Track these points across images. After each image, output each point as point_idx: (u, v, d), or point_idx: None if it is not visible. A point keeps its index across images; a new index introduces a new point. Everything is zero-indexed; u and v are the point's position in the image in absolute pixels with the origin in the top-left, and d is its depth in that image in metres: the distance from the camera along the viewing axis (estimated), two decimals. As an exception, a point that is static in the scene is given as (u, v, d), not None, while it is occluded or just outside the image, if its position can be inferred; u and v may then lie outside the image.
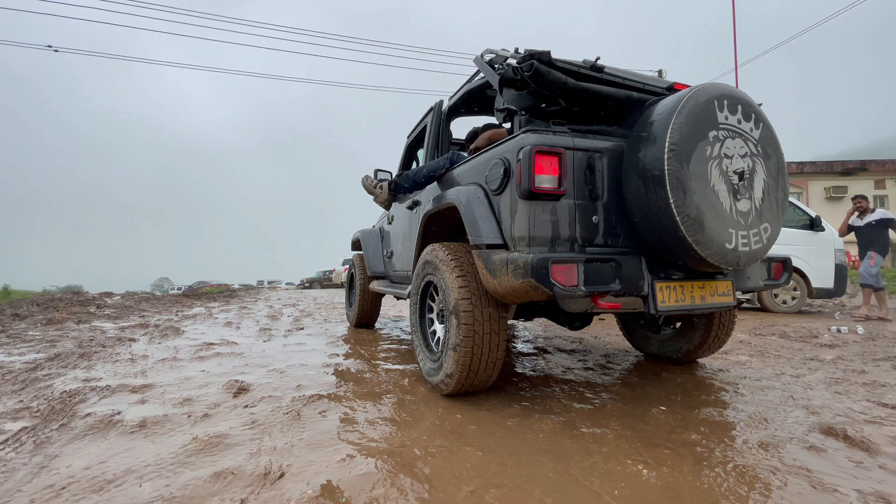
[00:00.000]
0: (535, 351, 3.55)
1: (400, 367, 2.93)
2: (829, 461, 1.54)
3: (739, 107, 1.88)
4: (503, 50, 2.46)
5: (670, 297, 1.90)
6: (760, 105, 2.00)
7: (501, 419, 1.93)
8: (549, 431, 1.79)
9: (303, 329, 4.94)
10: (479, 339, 2.04)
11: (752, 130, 1.91)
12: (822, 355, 3.38)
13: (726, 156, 1.82)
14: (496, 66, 2.40)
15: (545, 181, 1.85)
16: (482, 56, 2.55)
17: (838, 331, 4.62)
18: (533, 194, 1.83)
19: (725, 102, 1.85)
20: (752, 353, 3.51)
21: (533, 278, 1.71)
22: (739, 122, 1.88)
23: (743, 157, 1.87)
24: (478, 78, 2.82)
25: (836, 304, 8.00)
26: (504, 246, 1.96)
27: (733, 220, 1.82)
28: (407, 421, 1.92)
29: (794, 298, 6.49)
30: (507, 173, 1.97)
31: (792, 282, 6.34)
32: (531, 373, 2.81)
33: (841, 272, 6.29)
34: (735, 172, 1.84)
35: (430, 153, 3.21)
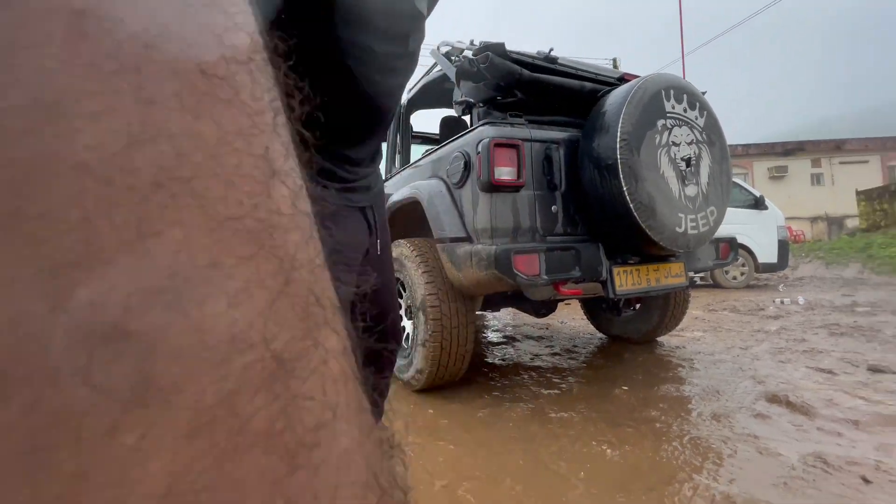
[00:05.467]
0: (505, 340, 3.61)
1: (370, 364, 2.91)
2: (773, 427, 1.66)
3: (685, 96, 1.96)
4: (459, 42, 2.45)
5: (627, 280, 1.98)
6: (704, 94, 2.09)
7: (473, 411, 1.95)
8: (518, 419, 1.83)
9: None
10: (448, 334, 2.05)
11: (697, 118, 1.99)
12: (768, 326, 3.63)
13: (674, 143, 1.90)
14: (452, 58, 2.38)
15: (504, 173, 1.86)
16: (438, 48, 2.53)
17: (782, 303, 4.96)
18: (493, 186, 1.85)
19: (672, 92, 1.92)
20: (706, 328, 3.71)
21: (496, 269, 1.73)
22: (685, 110, 1.96)
23: (689, 144, 1.95)
24: (435, 70, 2.80)
25: (780, 277, 8.58)
26: (467, 239, 1.97)
27: (682, 205, 1.91)
28: (378, 419, 1.91)
29: (742, 274, 6.90)
30: (467, 166, 1.98)
31: (740, 258, 6.74)
32: (500, 362, 2.86)
33: (783, 247, 6.74)
34: (682, 159, 1.92)
35: (391, 146, 3.17)
